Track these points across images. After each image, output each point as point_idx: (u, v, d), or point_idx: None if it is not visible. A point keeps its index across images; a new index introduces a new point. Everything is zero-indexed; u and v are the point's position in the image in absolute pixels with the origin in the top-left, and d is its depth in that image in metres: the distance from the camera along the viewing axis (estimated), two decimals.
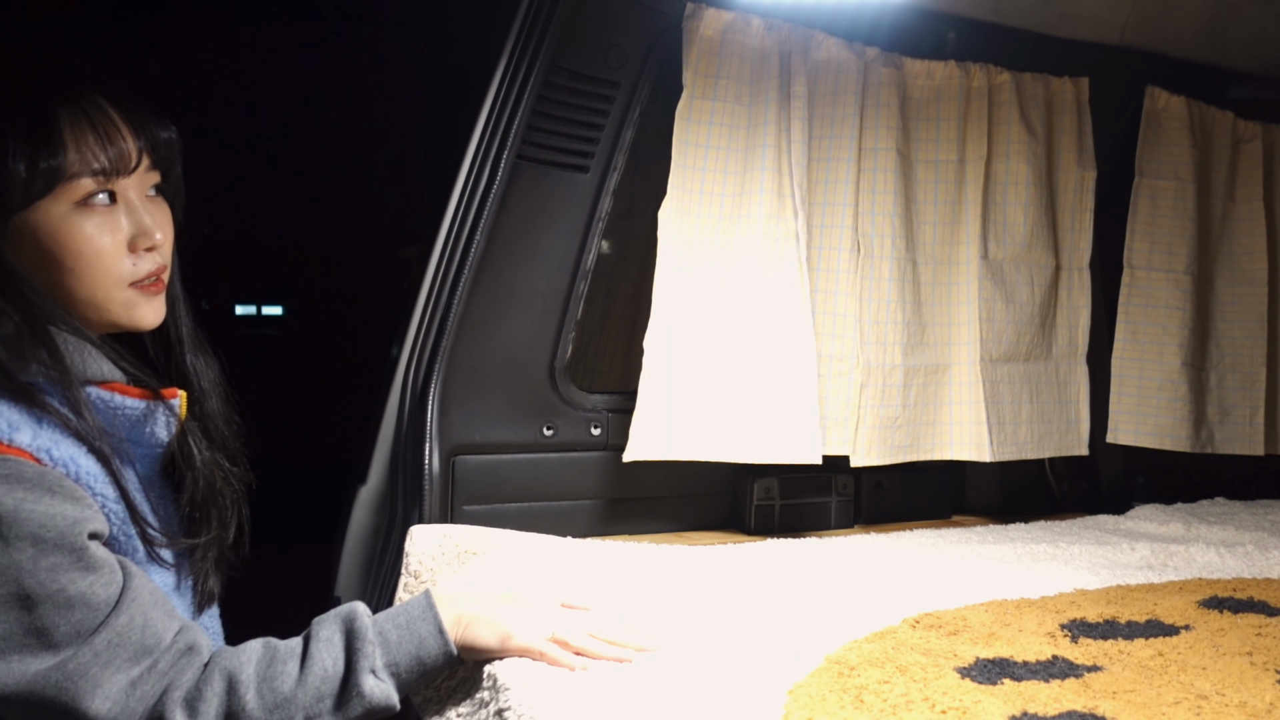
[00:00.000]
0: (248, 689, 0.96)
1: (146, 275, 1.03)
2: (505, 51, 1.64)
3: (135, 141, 1.01)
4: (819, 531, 1.97)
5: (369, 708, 1.00)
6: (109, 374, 1.02)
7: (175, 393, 1.07)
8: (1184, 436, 2.21)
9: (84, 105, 0.98)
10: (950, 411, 2.04)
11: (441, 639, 1.06)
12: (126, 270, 1.01)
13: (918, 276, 2.01)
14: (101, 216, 0.99)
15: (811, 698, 1.02)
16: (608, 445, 1.83)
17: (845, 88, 1.90)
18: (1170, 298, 2.21)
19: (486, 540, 1.52)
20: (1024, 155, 2.05)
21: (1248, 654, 1.20)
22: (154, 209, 1.05)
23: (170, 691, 0.94)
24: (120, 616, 0.92)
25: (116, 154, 0.99)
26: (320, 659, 1.00)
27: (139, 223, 1.02)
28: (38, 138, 0.95)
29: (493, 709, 1.05)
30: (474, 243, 1.67)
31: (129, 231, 1.01)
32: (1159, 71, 2.19)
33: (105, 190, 0.99)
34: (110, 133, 0.99)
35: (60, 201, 0.97)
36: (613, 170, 1.79)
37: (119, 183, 1.00)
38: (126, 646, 0.92)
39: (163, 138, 1.05)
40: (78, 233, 0.98)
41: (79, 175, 0.97)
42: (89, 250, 0.99)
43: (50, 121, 0.96)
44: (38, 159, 0.94)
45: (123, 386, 1.03)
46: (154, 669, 0.94)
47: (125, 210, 1.01)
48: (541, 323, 1.78)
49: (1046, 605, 1.40)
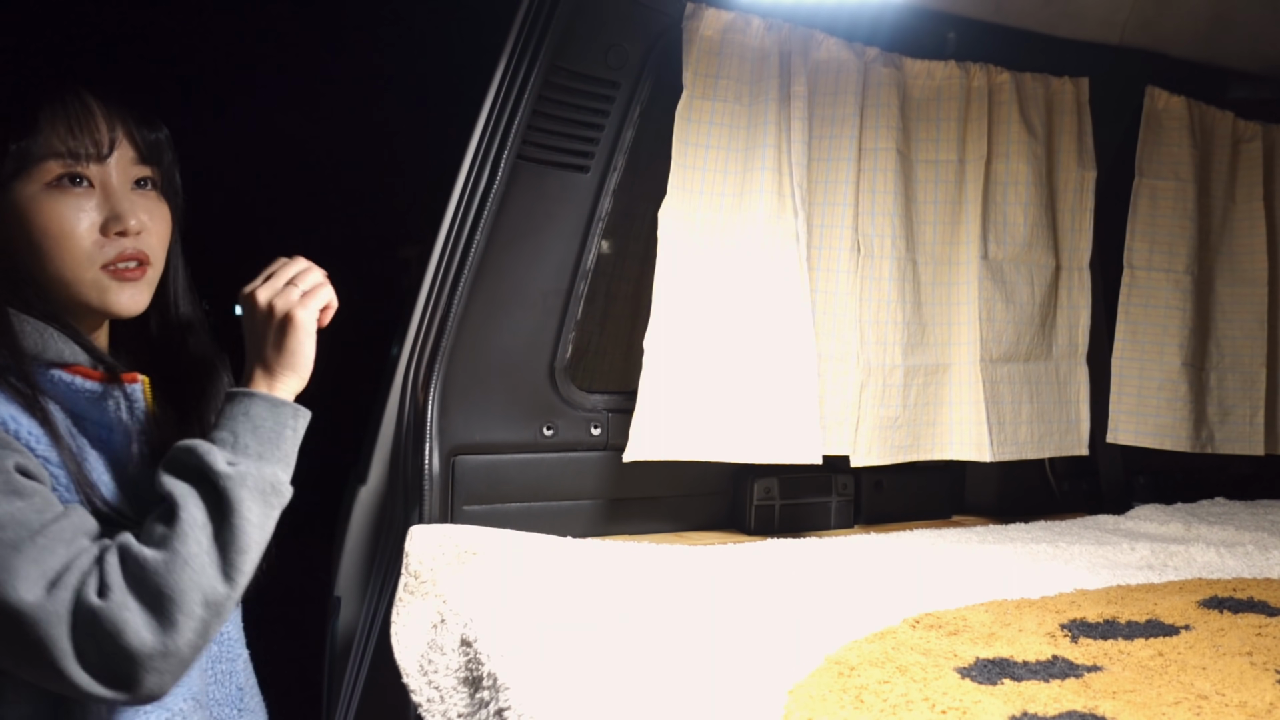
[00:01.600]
0: (137, 547, 0.94)
1: (117, 258, 1.04)
2: (505, 51, 1.64)
3: (110, 130, 1.04)
4: (819, 531, 1.97)
5: (241, 493, 0.97)
6: (70, 357, 1.03)
7: (135, 377, 1.07)
8: (1184, 436, 2.21)
9: (63, 94, 1.02)
10: (950, 411, 2.04)
11: (261, 398, 1.04)
12: (95, 252, 1.03)
13: (918, 276, 2.01)
14: (73, 199, 1.02)
15: (811, 698, 1.02)
16: (608, 445, 1.83)
17: (845, 88, 1.90)
18: (1170, 298, 2.21)
19: (486, 540, 1.52)
20: (1024, 155, 2.05)
21: (1248, 654, 1.20)
22: (142, 201, 1.07)
23: (85, 583, 0.92)
24: (52, 525, 0.92)
25: (89, 140, 1.02)
26: (174, 488, 0.97)
27: (114, 207, 1.03)
28: (11, 121, 0.99)
29: (493, 709, 1.05)
30: (474, 243, 1.67)
31: (101, 215, 1.03)
32: (1159, 71, 2.19)
33: (76, 173, 1.02)
34: (84, 120, 1.02)
35: (31, 182, 1.01)
36: (613, 170, 1.78)
37: (92, 168, 1.03)
38: (54, 545, 0.92)
39: (149, 136, 1.07)
40: (46, 212, 1.01)
41: (48, 157, 1.00)
42: (55, 229, 1.01)
43: (25, 106, 1.00)
44: (8, 141, 0.99)
45: (85, 370, 1.04)
46: (72, 567, 0.92)
47: (101, 195, 1.04)
48: (541, 323, 1.78)
49: (1046, 605, 1.40)
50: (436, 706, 1.21)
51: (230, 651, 1.14)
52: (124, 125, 1.05)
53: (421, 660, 1.31)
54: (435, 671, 1.25)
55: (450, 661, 1.25)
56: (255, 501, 0.98)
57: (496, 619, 1.25)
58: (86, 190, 1.03)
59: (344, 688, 1.61)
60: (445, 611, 1.35)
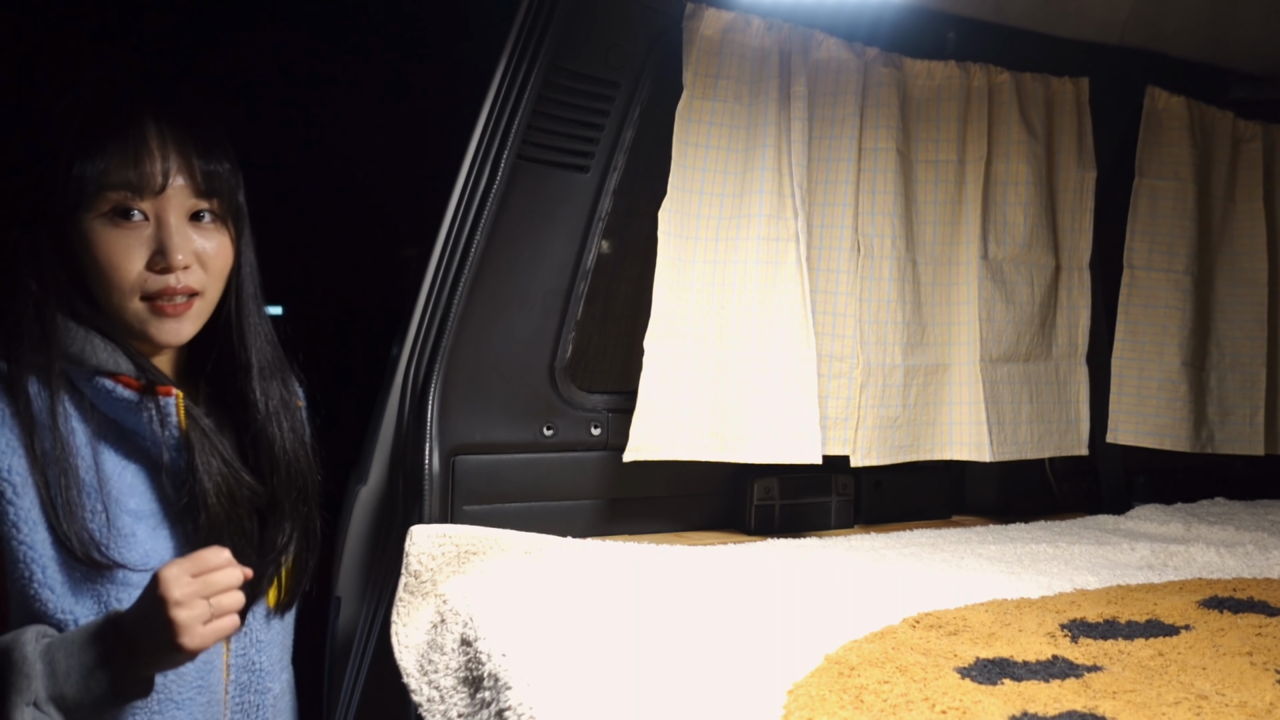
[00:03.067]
0: None
1: (161, 292, 1.06)
2: (505, 51, 1.64)
3: (165, 164, 1.05)
4: (819, 531, 1.97)
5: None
6: (114, 365, 1.05)
7: (170, 391, 1.08)
8: (1184, 436, 2.21)
9: (128, 125, 1.05)
10: (950, 411, 2.04)
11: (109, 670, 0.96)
12: (140, 285, 1.06)
13: (918, 276, 2.01)
14: (128, 231, 1.05)
15: (811, 698, 1.02)
16: (608, 445, 1.83)
17: (845, 88, 1.90)
18: (1170, 298, 2.21)
19: (486, 540, 1.52)
20: (1024, 155, 2.05)
21: (1248, 654, 1.20)
22: (198, 234, 1.09)
23: None
24: None
25: (143, 174, 1.04)
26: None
27: (162, 242, 1.05)
28: (78, 148, 1.03)
29: (493, 709, 1.05)
30: (474, 243, 1.67)
31: (150, 249, 1.05)
32: (1159, 71, 2.19)
33: (131, 206, 1.04)
34: (140, 152, 1.04)
35: (91, 211, 1.04)
36: (613, 170, 1.78)
37: (147, 201, 1.05)
38: None
39: (207, 168, 1.08)
40: (99, 243, 1.04)
41: (107, 188, 1.03)
42: (104, 260, 1.04)
43: (92, 135, 1.03)
44: (72, 169, 1.02)
45: (126, 379, 1.06)
46: None
47: (155, 228, 1.06)
48: (541, 323, 1.78)
49: (1046, 605, 1.40)
50: (436, 706, 1.21)
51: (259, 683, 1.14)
52: (181, 158, 1.07)
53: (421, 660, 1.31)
54: (435, 671, 1.25)
55: (450, 661, 1.25)
56: None
57: (496, 619, 1.25)
58: (139, 223, 1.05)
59: (344, 688, 1.61)
60: (445, 611, 1.35)
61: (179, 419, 1.08)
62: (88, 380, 1.05)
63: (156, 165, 1.05)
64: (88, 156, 1.02)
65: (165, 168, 1.05)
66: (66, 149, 1.03)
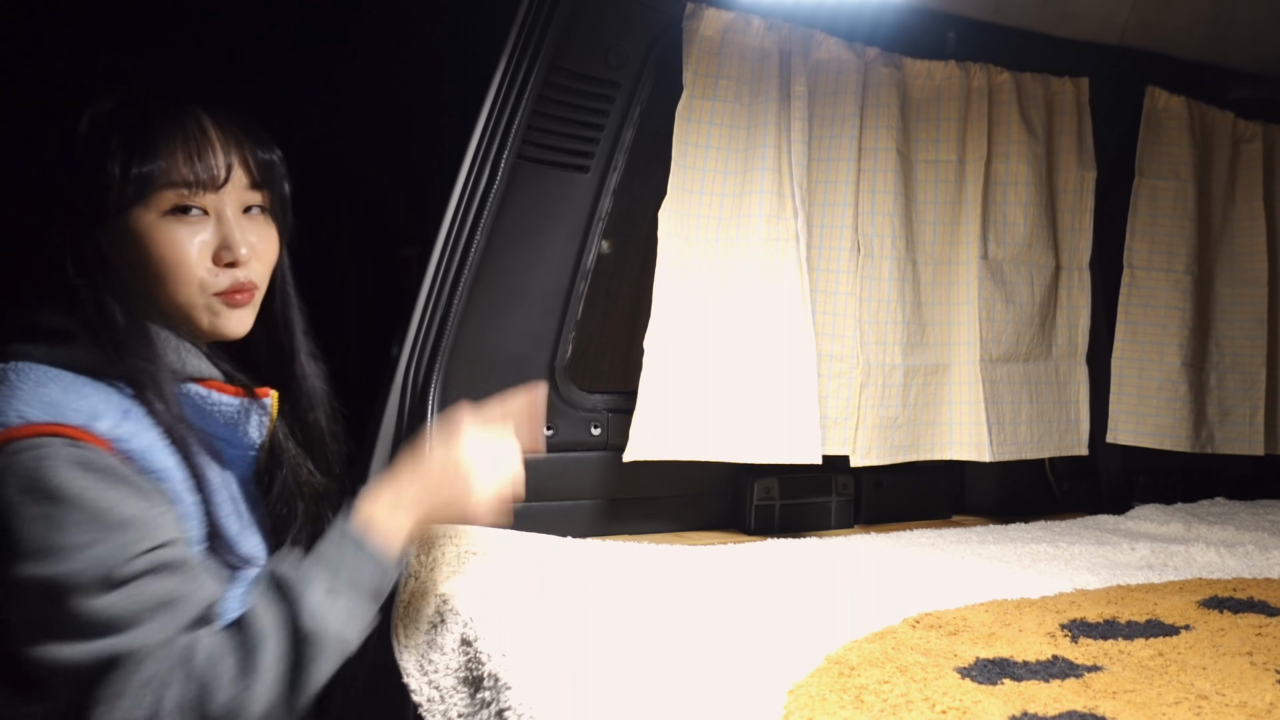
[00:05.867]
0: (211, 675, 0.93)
1: (230, 288, 1.06)
2: (505, 51, 1.64)
3: (226, 158, 1.05)
4: (819, 531, 1.97)
5: (322, 653, 0.98)
6: (207, 372, 1.06)
7: (268, 392, 1.10)
8: (1184, 436, 2.21)
9: (183, 119, 1.03)
10: (950, 411, 2.04)
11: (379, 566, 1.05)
12: (208, 280, 1.05)
13: (918, 276, 2.01)
14: (188, 227, 1.04)
15: (811, 698, 1.02)
16: (608, 445, 1.83)
17: (845, 88, 1.90)
18: (1170, 298, 2.21)
19: (487, 540, 1.52)
20: (1024, 155, 2.05)
21: (1248, 654, 1.20)
22: (251, 226, 1.09)
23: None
24: None
25: (205, 169, 1.03)
26: (260, 625, 0.97)
27: (225, 236, 1.05)
28: (134, 147, 1.01)
29: (493, 709, 1.05)
30: (474, 243, 1.67)
31: (214, 244, 1.05)
32: (1159, 71, 2.19)
33: (192, 202, 1.04)
34: (202, 148, 1.04)
35: (151, 209, 1.02)
36: (613, 170, 1.78)
37: (208, 197, 1.05)
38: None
39: (262, 158, 1.09)
40: (164, 240, 1.03)
41: (167, 186, 1.02)
42: (171, 258, 1.03)
43: (147, 132, 1.02)
44: (130, 166, 1.00)
45: (220, 384, 1.06)
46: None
47: (215, 223, 1.06)
48: (541, 323, 1.78)
49: (1046, 605, 1.40)
50: (436, 706, 1.21)
51: None
52: (239, 151, 1.07)
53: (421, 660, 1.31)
54: (435, 671, 1.25)
55: (450, 661, 1.25)
56: (332, 659, 0.99)
57: (496, 619, 1.25)
58: (201, 218, 1.05)
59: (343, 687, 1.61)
60: (445, 611, 1.35)
61: (273, 418, 1.09)
62: (178, 390, 1.03)
63: (220, 159, 1.04)
64: (146, 154, 1.00)
65: (227, 162, 1.05)
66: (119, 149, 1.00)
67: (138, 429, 0.96)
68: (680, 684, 1.05)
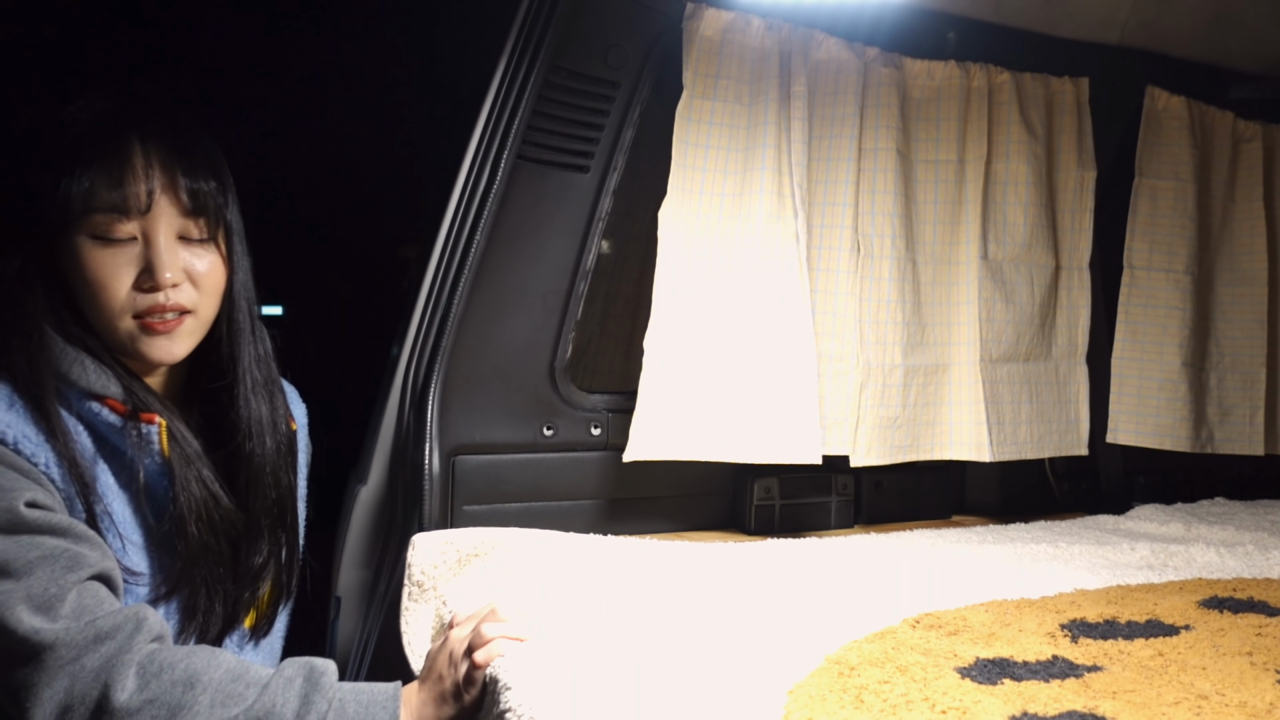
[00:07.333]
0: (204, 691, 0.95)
1: (149, 309, 1.07)
2: (505, 51, 1.64)
3: (148, 184, 1.05)
4: (819, 531, 1.97)
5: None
6: (102, 389, 1.06)
7: (153, 418, 1.09)
8: (1184, 436, 2.21)
9: (114, 145, 1.04)
10: (950, 411, 2.04)
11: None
12: (130, 304, 1.06)
13: (918, 276, 2.01)
14: (112, 251, 1.05)
15: (811, 698, 1.02)
16: (608, 445, 1.83)
17: (845, 88, 1.90)
18: (1170, 298, 2.21)
19: (489, 541, 1.52)
20: (1024, 155, 2.05)
21: (1248, 654, 1.20)
22: (188, 252, 1.09)
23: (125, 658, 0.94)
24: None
25: (129, 195, 1.04)
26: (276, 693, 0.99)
27: (150, 261, 1.06)
28: (65, 170, 1.03)
29: (493, 710, 1.05)
30: (474, 243, 1.67)
31: (138, 268, 1.06)
32: (1159, 71, 2.19)
33: (119, 226, 1.05)
34: (128, 175, 1.04)
35: (77, 232, 1.04)
36: (613, 170, 1.78)
37: (133, 222, 1.05)
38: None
39: (193, 187, 1.08)
40: (88, 262, 1.05)
41: (91, 211, 1.04)
42: (94, 280, 1.05)
43: (80, 156, 1.03)
44: (58, 189, 1.02)
45: (113, 402, 1.06)
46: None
47: (141, 248, 1.06)
48: (541, 323, 1.78)
49: (1046, 605, 1.40)
50: None
51: None
52: (166, 177, 1.06)
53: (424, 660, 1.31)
54: None
55: None
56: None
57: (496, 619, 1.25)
58: (127, 243, 1.06)
59: None
60: (445, 614, 1.35)
61: (162, 445, 1.08)
62: (80, 401, 1.05)
63: (141, 186, 1.05)
64: (74, 176, 1.02)
65: (149, 188, 1.05)
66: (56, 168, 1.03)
67: (17, 420, 1.00)
68: (680, 684, 1.05)
